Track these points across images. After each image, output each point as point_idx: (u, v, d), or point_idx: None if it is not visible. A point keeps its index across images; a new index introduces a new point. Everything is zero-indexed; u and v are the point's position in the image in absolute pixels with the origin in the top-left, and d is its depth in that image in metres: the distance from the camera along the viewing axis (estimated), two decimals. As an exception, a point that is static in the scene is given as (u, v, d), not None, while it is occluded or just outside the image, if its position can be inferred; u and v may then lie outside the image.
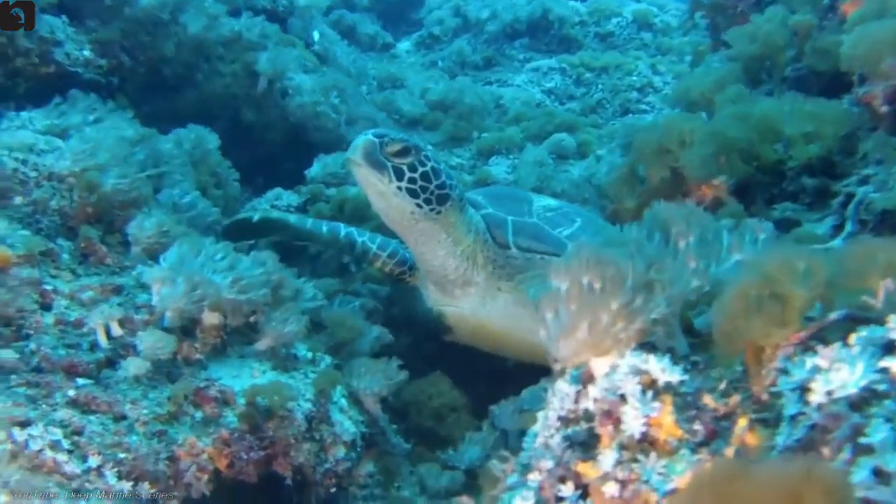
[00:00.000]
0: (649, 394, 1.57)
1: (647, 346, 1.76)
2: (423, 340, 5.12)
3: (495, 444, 4.15)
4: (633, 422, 1.54)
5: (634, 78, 10.10)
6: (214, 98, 6.59)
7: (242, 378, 3.38)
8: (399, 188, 4.24)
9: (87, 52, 5.49)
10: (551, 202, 5.06)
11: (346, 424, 3.65)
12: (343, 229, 5.17)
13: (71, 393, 2.87)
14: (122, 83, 5.82)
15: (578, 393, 1.79)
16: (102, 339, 3.13)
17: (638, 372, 1.58)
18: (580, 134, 8.39)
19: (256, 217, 5.23)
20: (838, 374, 1.33)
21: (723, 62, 4.33)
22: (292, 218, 5.38)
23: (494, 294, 4.68)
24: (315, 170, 6.42)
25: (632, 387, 1.56)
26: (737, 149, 3.27)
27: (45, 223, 3.58)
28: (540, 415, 1.96)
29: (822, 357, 1.41)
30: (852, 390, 1.31)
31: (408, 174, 4.24)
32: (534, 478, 1.68)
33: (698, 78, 4.20)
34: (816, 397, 1.36)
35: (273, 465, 3.27)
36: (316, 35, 8.44)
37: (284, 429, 3.23)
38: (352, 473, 3.71)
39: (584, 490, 1.60)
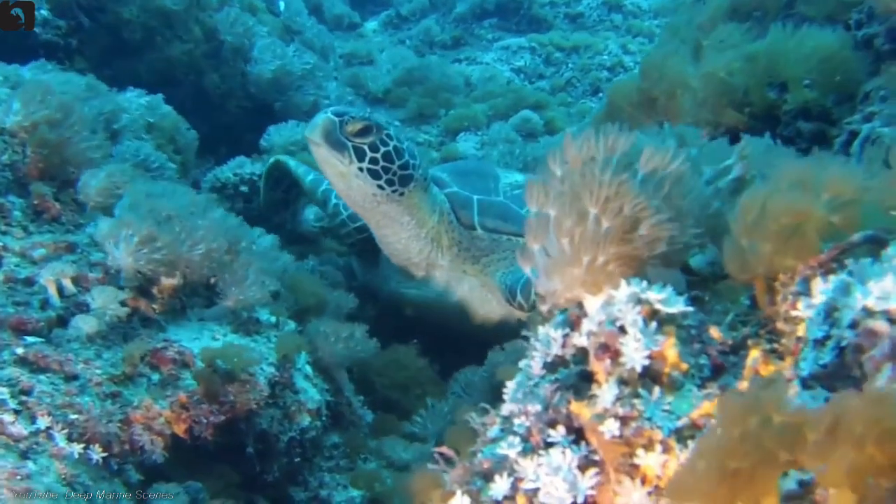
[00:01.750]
0: (652, 324, 1.44)
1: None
2: (387, 312, 5.00)
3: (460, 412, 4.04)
4: (634, 353, 1.41)
5: (605, 57, 10.03)
6: (176, 64, 6.38)
7: (202, 340, 3.23)
8: (360, 169, 4.10)
9: (44, 12, 5.31)
10: (519, 177, 4.92)
11: (311, 392, 3.53)
12: (324, 184, 5.02)
13: (19, 351, 2.70)
14: (81, 45, 5.63)
15: (566, 337, 1.67)
16: (54, 297, 2.96)
17: (638, 301, 1.46)
18: (548, 112, 8.30)
19: (272, 159, 5.34)
20: (878, 285, 1.21)
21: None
22: (290, 161, 5.28)
23: (460, 277, 4.57)
24: (274, 138, 6.25)
25: (632, 316, 1.43)
26: (729, 94, 3.16)
27: (-5, 178, 3.40)
28: (521, 363, 1.83)
29: (852, 274, 1.29)
30: (893, 304, 1.19)
31: (369, 154, 4.10)
32: (520, 422, 1.56)
33: (686, 17, 4.02)
34: (850, 314, 1.24)
35: (234, 431, 3.13)
36: (282, 4, 8.26)
37: (246, 393, 3.07)
38: (317, 443, 3.58)
39: (576, 434, 1.48)
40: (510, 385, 1.81)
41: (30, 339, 2.79)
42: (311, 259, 5.26)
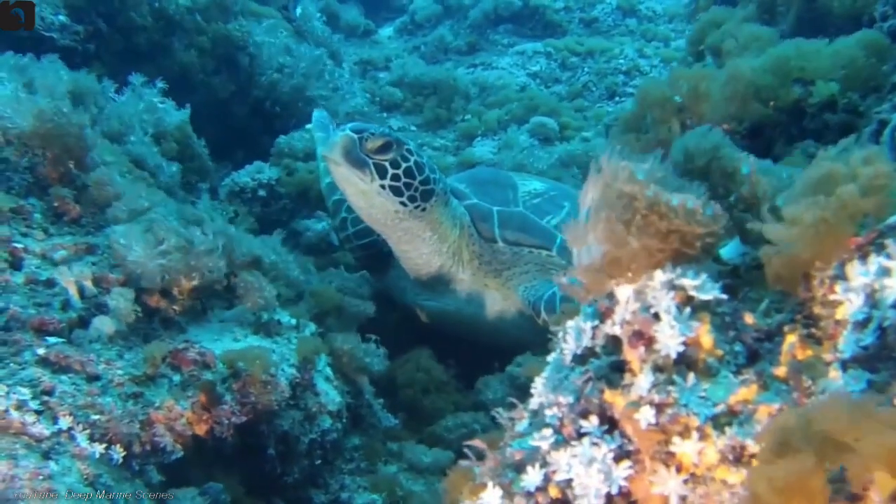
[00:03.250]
0: (686, 310, 1.41)
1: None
2: (406, 319, 4.97)
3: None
4: (669, 340, 1.38)
5: (621, 61, 10.00)
6: (191, 68, 6.38)
7: (223, 342, 3.22)
8: (382, 186, 4.04)
9: (62, 17, 5.31)
10: (537, 185, 4.86)
11: (332, 394, 3.51)
12: (336, 194, 4.99)
13: (41, 351, 2.69)
14: (98, 50, 5.63)
15: (595, 328, 1.64)
16: (75, 298, 2.95)
17: (672, 287, 1.43)
18: (562, 117, 8.28)
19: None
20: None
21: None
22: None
23: (481, 291, 4.51)
24: (281, 144, 6.24)
25: (666, 303, 1.41)
26: (754, 91, 3.13)
27: (16, 181, 3.40)
28: (550, 357, 1.81)
29: (890, 256, 1.26)
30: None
31: (390, 171, 4.04)
32: (552, 413, 1.53)
33: (714, 17, 3.97)
34: (892, 294, 1.21)
35: (255, 432, 3.12)
36: (298, 10, 8.26)
37: (268, 394, 3.05)
38: (337, 446, 3.56)
39: (609, 424, 1.45)
40: (538, 379, 1.78)
41: (51, 339, 2.77)
42: (331, 267, 5.23)
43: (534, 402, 1.78)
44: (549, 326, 4.03)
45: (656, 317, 1.42)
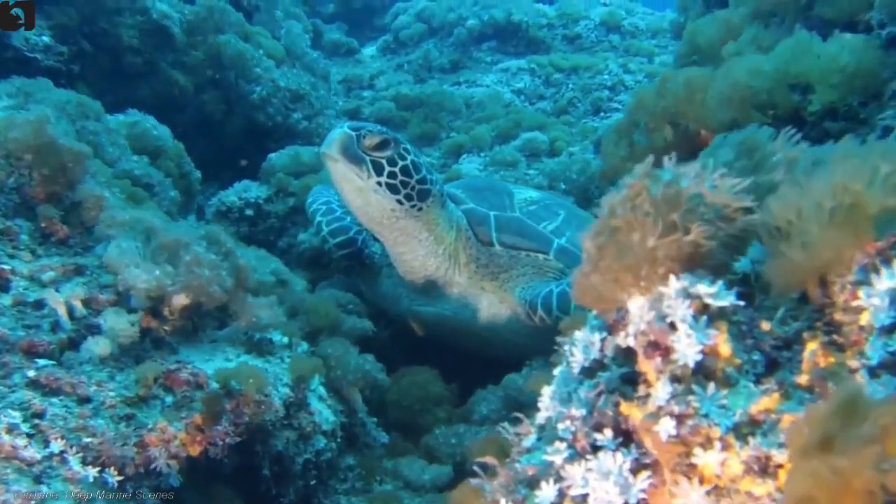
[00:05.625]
0: (703, 319, 1.38)
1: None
2: (399, 333, 4.93)
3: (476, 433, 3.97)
4: (686, 349, 1.35)
5: (605, 77, 10.01)
6: (178, 88, 6.35)
7: (215, 361, 3.16)
8: (379, 184, 4.04)
9: (46, 38, 5.28)
10: (532, 193, 4.91)
11: (326, 413, 3.46)
12: (314, 204, 5.01)
13: (31, 373, 2.63)
14: (83, 71, 5.59)
15: (604, 340, 1.61)
16: (65, 319, 2.90)
17: (688, 296, 1.40)
18: (550, 132, 8.27)
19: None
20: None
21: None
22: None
23: (478, 294, 4.50)
24: (278, 160, 6.19)
25: (682, 311, 1.37)
26: (753, 97, 3.10)
27: (1, 202, 3.34)
28: (557, 371, 1.77)
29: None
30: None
31: (387, 168, 4.04)
32: (564, 427, 1.49)
33: (707, 23, 3.94)
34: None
35: (249, 453, 3.06)
36: (284, 30, 8.24)
37: (261, 414, 3.00)
38: (332, 465, 3.51)
39: (624, 437, 1.42)
40: (545, 392, 1.75)
41: (41, 361, 2.72)
42: (323, 282, 5.19)
43: (541, 417, 1.75)
44: (545, 324, 4.04)
45: (672, 326, 1.39)
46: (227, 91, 6.73)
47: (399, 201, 4.11)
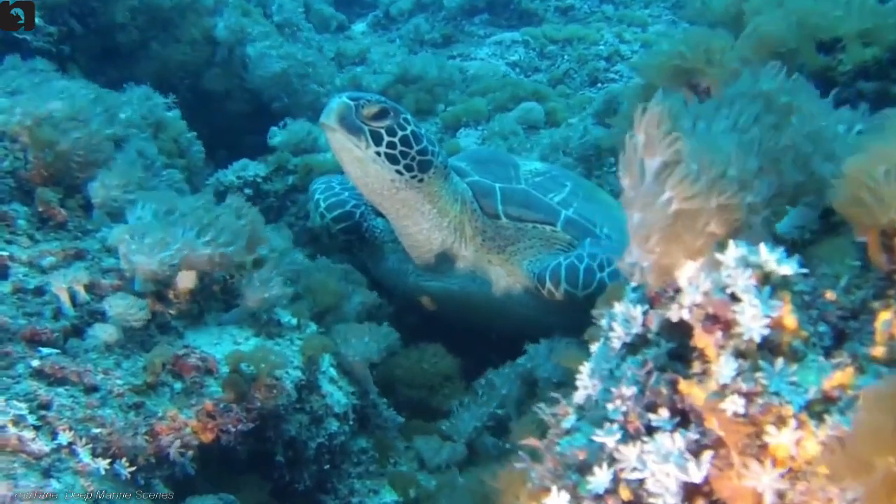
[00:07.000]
0: (765, 289, 1.28)
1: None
2: (405, 310, 4.84)
3: (490, 413, 3.90)
4: (751, 322, 1.25)
5: (601, 47, 9.85)
6: (172, 67, 6.22)
7: (223, 345, 3.07)
8: (377, 153, 3.96)
9: (35, 19, 5.12)
10: (538, 165, 4.83)
11: (337, 395, 3.38)
12: (314, 183, 4.94)
13: (35, 363, 2.54)
14: (74, 52, 5.46)
15: (646, 314, 1.52)
16: (67, 306, 2.80)
17: (748, 265, 1.30)
18: (548, 102, 8.14)
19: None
20: None
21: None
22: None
23: (485, 268, 4.43)
24: (279, 137, 6.07)
25: (744, 282, 1.27)
26: (780, 57, 2.98)
27: (-4, 186, 3.25)
28: (594, 347, 1.68)
29: None
30: None
31: (386, 138, 3.96)
32: (615, 406, 1.40)
33: None
34: None
35: (261, 438, 2.97)
36: (276, 6, 8.09)
37: (274, 399, 2.90)
38: (345, 449, 3.42)
39: (681, 417, 1.33)
40: (583, 370, 1.66)
41: (45, 350, 2.63)
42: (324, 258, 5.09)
43: (579, 396, 1.66)
44: (553, 297, 3.96)
45: (733, 297, 1.29)
46: (220, 69, 6.60)
47: (399, 171, 4.03)
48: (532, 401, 3.77)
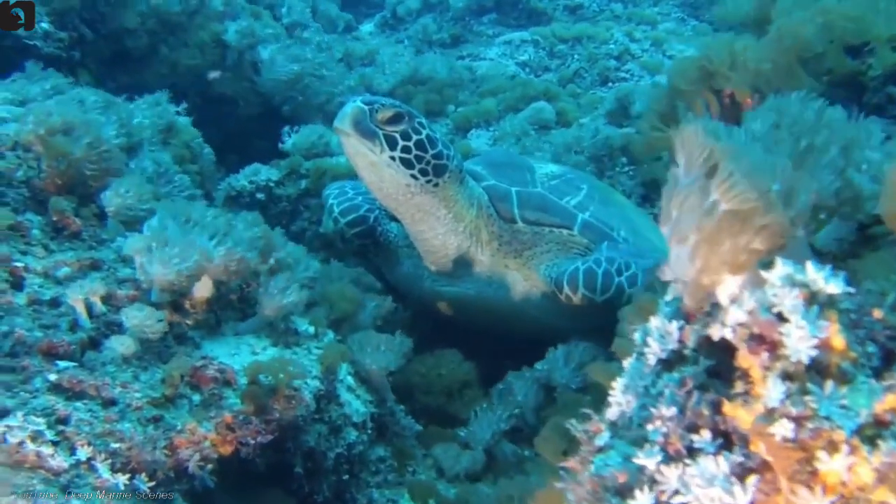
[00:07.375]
0: (813, 309, 1.24)
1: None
2: (420, 316, 4.81)
3: (508, 419, 3.87)
4: (799, 343, 1.21)
5: (611, 46, 9.80)
6: (182, 72, 6.20)
7: (241, 355, 3.03)
8: (392, 158, 3.93)
9: (45, 25, 5.13)
10: (553, 168, 4.81)
11: (356, 404, 3.35)
12: (328, 188, 4.92)
13: (52, 377, 2.50)
14: (84, 58, 5.45)
15: (682, 329, 1.48)
16: (84, 317, 2.77)
17: (794, 283, 1.26)
18: (559, 102, 8.11)
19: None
20: None
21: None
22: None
23: (501, 273, 4.40)
24: (291, 142, 6.04)
25: (791, 301, 1.23)
26: (807, 62, 2.94)
27: (11, 196, 3.21)
28: (626, 362, 1.64)
29: None
30: None
31: (401, 143, 3.93)
32: (655, 427, 1.36)
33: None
34: None
35: (280, 450, 2.94)
36: (285, 8, 8.06)
37: (292, 409, 2.86)
38: (363, 458, 3.39)
39: (723, 439, 1.29)
40: (616, 385, 1.62)
41: (62, 363, 2.59)
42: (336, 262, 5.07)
43: (612, 413, 1.62)
44: (571, 303, 3.94)
45: (780, 317, 1.25)
46: (231, 73, 6.58)
47: (414, 176, 4.00)
48: (551, 407, 3.75)
